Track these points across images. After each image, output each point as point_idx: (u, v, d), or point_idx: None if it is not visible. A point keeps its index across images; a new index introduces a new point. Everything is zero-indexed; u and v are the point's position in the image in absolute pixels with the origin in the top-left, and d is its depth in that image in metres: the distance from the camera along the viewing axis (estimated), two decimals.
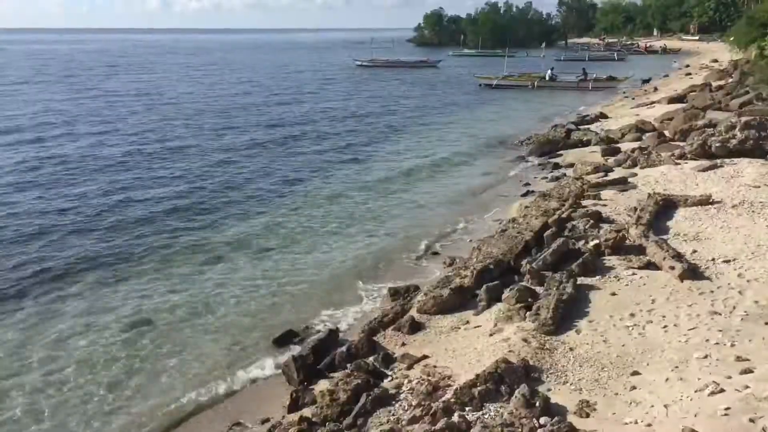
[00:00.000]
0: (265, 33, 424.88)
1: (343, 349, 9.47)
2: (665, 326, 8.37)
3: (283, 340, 10.42)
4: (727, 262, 10.34)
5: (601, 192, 15.79)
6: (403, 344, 9.47)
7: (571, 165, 20.89)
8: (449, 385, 7.71)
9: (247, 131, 30.87)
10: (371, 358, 8.97)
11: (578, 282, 10.00)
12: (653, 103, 34.90)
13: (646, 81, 50.70)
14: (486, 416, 6.88)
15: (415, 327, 9.88)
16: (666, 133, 23.15)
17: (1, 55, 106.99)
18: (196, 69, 76.10)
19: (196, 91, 49.29)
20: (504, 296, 10.06)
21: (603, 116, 32.10)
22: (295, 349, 9.94)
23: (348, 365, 8.89)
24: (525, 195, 18.20)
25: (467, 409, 7.02)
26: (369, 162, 24.54)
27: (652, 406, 6.67)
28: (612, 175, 17.89)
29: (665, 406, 6.61)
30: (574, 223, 13.12)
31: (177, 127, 31.56)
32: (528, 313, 9.20)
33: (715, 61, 62.34)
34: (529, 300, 9.68)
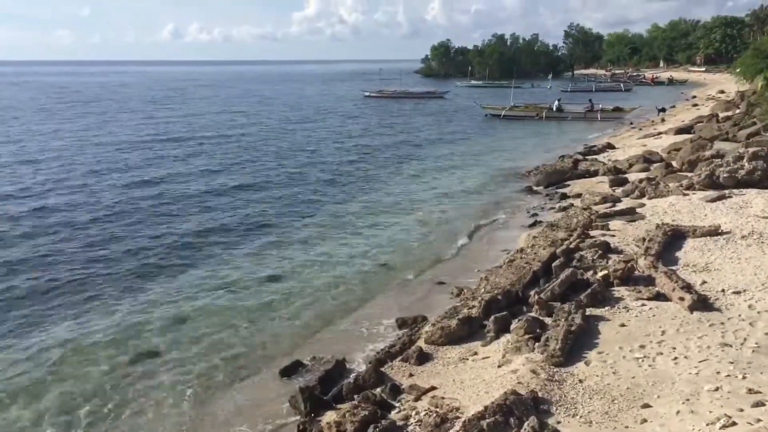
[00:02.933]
0: (275, 65, 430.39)
1: (351, 379, 9.42)
2: (675, 358, 8.28)
3: (290, 370, 10.35)
4: (738, 293, 10.26)
5: (609, 222, 15.76)
6: (411, 375, 9.41)
7: (579, 195, 20.91)
8: (457, 417, 7.63)
9: (255, 162, 31.30)
10: (378, 389, 8.90)
11: (587, 313, 9.94)
12: (660, 133, 35.01)
13: (663, 110, 50.61)
14: None
15: (423, 358, 9.83)
16: (673, 163, 23.19)
17: (27, 87, 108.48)
18: (237, 99, 78.24)
19: (241, 122, 50.48)
20: (512, 327, 10.02)
21: (610, 147, 32.20)
22: (303, 380, 9.88)
23: (355, 396, 8.83)
24: (533, 225, 18.19)
25: None
26: (375, 193, 24.60)
27: None
28: (620, 206, 17.87)
29: None
30: (582, 253, 13.07)
31: (193, 156, 32.00)
32: (536, 344, 9.13)
33: (722, 92, 62.62)
34: (538, 331, 9.62)
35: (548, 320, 10.00)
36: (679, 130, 33.45)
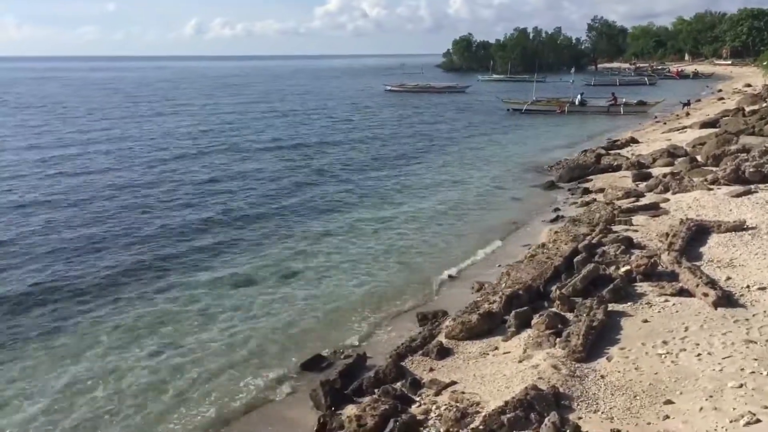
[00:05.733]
0: (298, 59, 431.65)
1: (371, 374, 9.44)
2: (699, 354, 8.20)
3: (311, 364, 10.41)
4: (763, 289, 10.12)
5: (632, 217, 15.61)
6: (431, 369, 9.42)
7: (602, 190, 20.73)
8: (478, 412, 7.64)
9: (279, 156, 31.50)
10: (399, 384, 8.92)
11: (609, 308, 9.87)
12: (685, 127, 34.54)
13: (687, 104, 49.92)
14: None
15: (443, 352, 9.84)
16: (698, 158, 22.90)
17: (64, 83, 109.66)
18: (278, 94, 78.39)
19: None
20: (533, 322, 9.98)
21: (634, 141, 31.81)
22: (323, 374, 9.93)
23: (375, 390, 8.85)
24: (554, 220, 18.08)
25: None
26: (397, 188, 24.54)
27: None
28: (643, 201, 17.70)
29: None
30: (604, 248, 12.98)
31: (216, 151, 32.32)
32: (558, 339, 9.10)
33: (749, 85, 61.64)
34: (559, 326, 9.58)
35: (570, 315, 9.96)
36: (705, 124, 32.97)
